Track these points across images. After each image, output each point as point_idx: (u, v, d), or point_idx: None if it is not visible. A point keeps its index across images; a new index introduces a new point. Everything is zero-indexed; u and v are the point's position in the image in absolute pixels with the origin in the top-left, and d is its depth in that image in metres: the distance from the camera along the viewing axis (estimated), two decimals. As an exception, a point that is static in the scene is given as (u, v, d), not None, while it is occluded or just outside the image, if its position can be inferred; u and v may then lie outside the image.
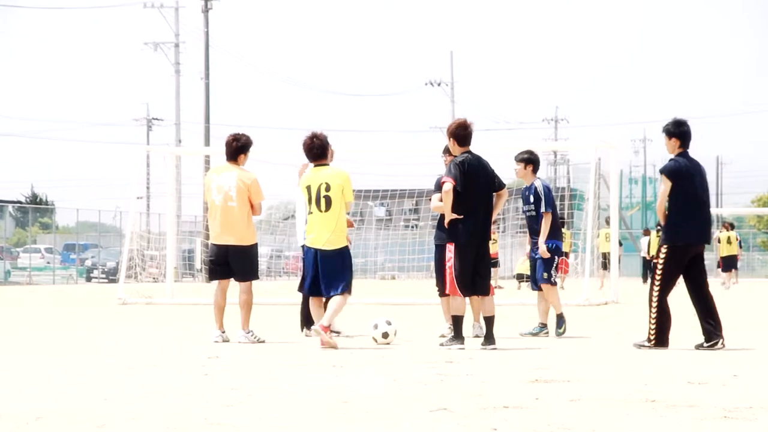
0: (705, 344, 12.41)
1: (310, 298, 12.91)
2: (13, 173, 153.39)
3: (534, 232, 14.49)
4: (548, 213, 14.33)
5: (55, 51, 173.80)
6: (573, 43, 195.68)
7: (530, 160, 14.49)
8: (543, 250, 14.26)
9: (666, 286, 12.48)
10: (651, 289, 12.54)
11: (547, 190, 14.42)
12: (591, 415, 7.34)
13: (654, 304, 12.42)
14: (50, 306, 25.45)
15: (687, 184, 12.50)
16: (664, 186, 12.48)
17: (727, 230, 41.81)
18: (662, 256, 12.51)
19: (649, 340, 12.45)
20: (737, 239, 42.00)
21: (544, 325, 14.51)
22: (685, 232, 12.47)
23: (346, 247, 12.80)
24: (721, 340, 12.38)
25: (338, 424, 6.97)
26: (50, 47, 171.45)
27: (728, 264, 41.14)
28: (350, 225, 13.31)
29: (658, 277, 12.48)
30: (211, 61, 60.29)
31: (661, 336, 12.43)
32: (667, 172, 12.49)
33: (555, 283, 14.51)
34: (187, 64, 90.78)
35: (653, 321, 12.43)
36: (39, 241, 63.81)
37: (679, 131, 12.62)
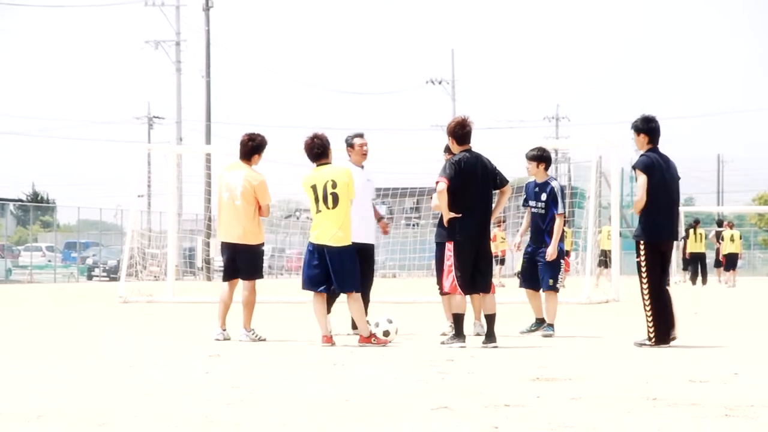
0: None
1: (314, 294, 12.90)
2: (14, 171, 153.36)
3: (537, 230, 14.33)
4: (561, 215, 14.21)
5: (57, 49, 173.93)
6: (574, 41, 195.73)
7: (542, 158, 14.27)
8: (551, 253, 14.09)
9: (654, 281, 12.49)
10: (641, 289, 12.54)
11: (563, 191, 14.25)
12: (592, 413, 7.34)
13: (647, 303, 12.43)
14: (51, 304, 25.44)
15: (659, 180, 12.55)
16: (641, 179, 12.51)
17: (731, 228, 41.96)
18: (641, 253, 12.56)
19: (650, 339, 12.44)
20: (740, 238, 42.09)
21: (540, 321, 14.40)
22: (658, 228, 12.53)
23: (352, 245, 12.81)
24: (673, 332, 12.50)
25: (339, 422, 6.97)
26: (51, 45, 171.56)
27: (731, 262, 41.15)
28: (385, 231, 13.48)
29: (644, 276, 12.49)
30: (212, 59, 60.23)
31: (661, 334, 12.42)
32: (642, 166, 12.58)
33: (558, 290, 14.37)
34: (188, 62, 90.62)
35: (651, 319, 12.42)
36: (40, 240, 63.80)
37: (647, 127, 12.72)
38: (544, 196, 14.15)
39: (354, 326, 13.60)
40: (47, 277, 53.96)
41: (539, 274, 14.26)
